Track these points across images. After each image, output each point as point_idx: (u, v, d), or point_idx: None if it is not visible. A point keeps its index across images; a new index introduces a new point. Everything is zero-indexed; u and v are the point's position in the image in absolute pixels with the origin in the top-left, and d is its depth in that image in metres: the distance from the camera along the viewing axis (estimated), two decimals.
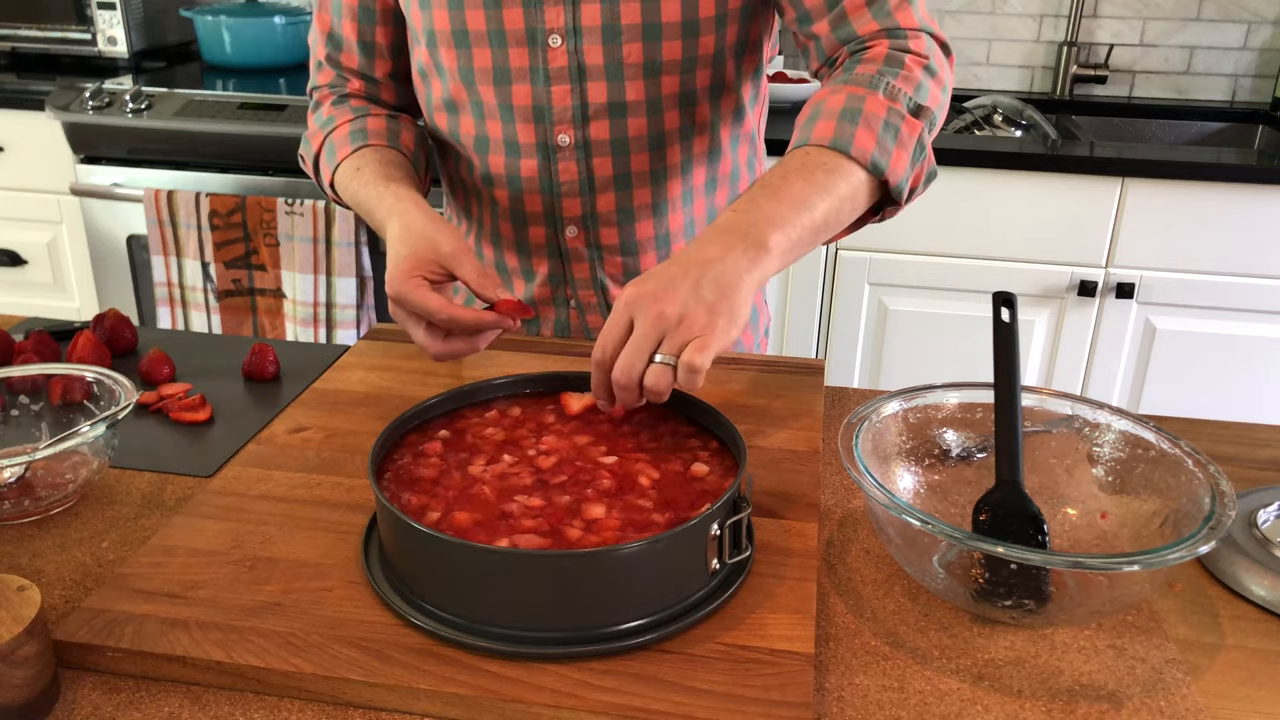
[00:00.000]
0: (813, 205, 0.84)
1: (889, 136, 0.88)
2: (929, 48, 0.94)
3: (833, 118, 0.88)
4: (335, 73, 1.12)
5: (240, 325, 2.19)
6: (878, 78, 0.90)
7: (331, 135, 1.07)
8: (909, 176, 0.91)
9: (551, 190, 1.06)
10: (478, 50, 1.01)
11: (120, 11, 2.40)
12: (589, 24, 0.98)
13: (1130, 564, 0.62)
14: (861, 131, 0.87)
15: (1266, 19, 2.37)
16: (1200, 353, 2.04)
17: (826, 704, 0.63)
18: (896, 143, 0.88)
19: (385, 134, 1.07)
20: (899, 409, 0.81)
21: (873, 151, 0.87)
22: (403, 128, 1.09)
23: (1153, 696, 0.64)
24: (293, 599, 0.68)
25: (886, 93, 0.89)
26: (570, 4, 0.97)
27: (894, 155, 0.88)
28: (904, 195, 0.91)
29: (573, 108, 1.02)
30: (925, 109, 0.91)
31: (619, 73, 1.00)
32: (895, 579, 0.75)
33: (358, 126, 1.06)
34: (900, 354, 2.14)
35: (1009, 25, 2.47)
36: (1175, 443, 0.74)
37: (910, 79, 0.91)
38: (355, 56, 1.11)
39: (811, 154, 0.87)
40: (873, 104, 0.88)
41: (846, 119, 0.87)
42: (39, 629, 0.60)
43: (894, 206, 0.93)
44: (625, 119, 1.02)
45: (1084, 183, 1.95)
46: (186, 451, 0.90)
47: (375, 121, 1.07)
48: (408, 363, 1.04)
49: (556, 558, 0.64)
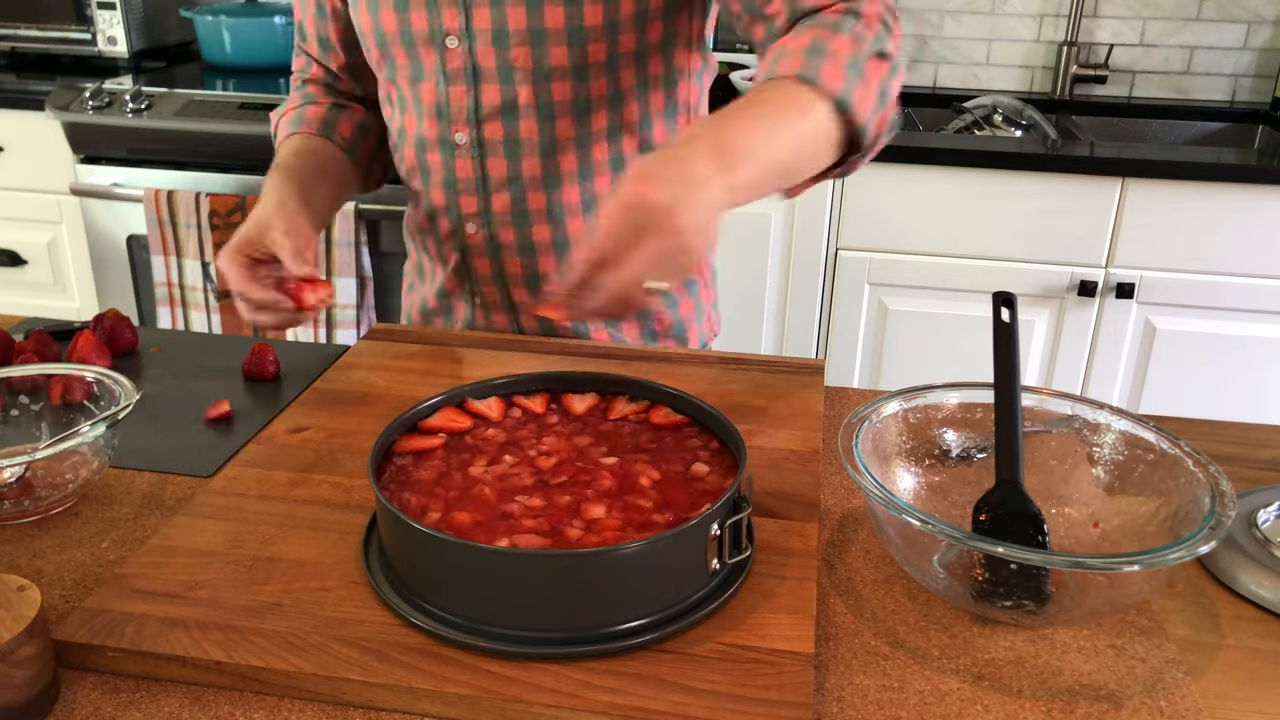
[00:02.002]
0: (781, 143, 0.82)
1: (854, 74, 0.86)
2: (883, 10, 0.92)
3: (799, 55, 0.86)
4: (304, 59, 1.21)
5: (240, 325, 2.18)
6: (841, 21, 0.89)
7: (282, 118, 1.18)
8: (874, 119, 0.88)
9: (453, 186, 1.09)
10: (394, 49, 1.06)
11: (120, 11, 2.40)
12: (480, 27, 1.00)
13: (1130, 564, 0.62)
14: (828, 65, 0.85)
15: (1266, 19, 2.37)
16: (1200, 353, 2.04)
17: (826, 704, 0.63)
18: (861, 81, 0.86)
19: (319, 122, 1.14)
20: (899, 409, 0.81)
21: (839, 87, 0.85)
22: (343, 117, 1.16)
23: (1153, 696, 0.64)
24: (293, 599, 0.68)
25: (851, 35, 0.88)
26: (463, 7, 1.00)
27: (858, 93, 0.86)
28: (867, 138, 0.89)
29: (468, 107, 1.04)
30: (888, 54, 0.89)
31: (510, 76, 1.02)
32: (895, 579, 0.75)
33: (296, 115, 1.16)
34: (900, 354, 2.14)
35: (1009, 25, 2.47)
36: (1175, 443, 0.74)
37: (871, 27, 0.90)
38: (315, 48, 1.19)
39: (780, 86, 0.85)
40: (837, 43, 0.86)
41: (813, 54, 0.85)
42: (39, 629, 0.60)
43: (858, 155, 0.91)
44: (516, 121, 1.04)
45: (1084, 183, 1.95)
46: (186, 451, 0.90)
47: (314, 110, 1.15)
48: (408, 363, 1.04)
49: (556, 558, 0.64)
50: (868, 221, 2.04)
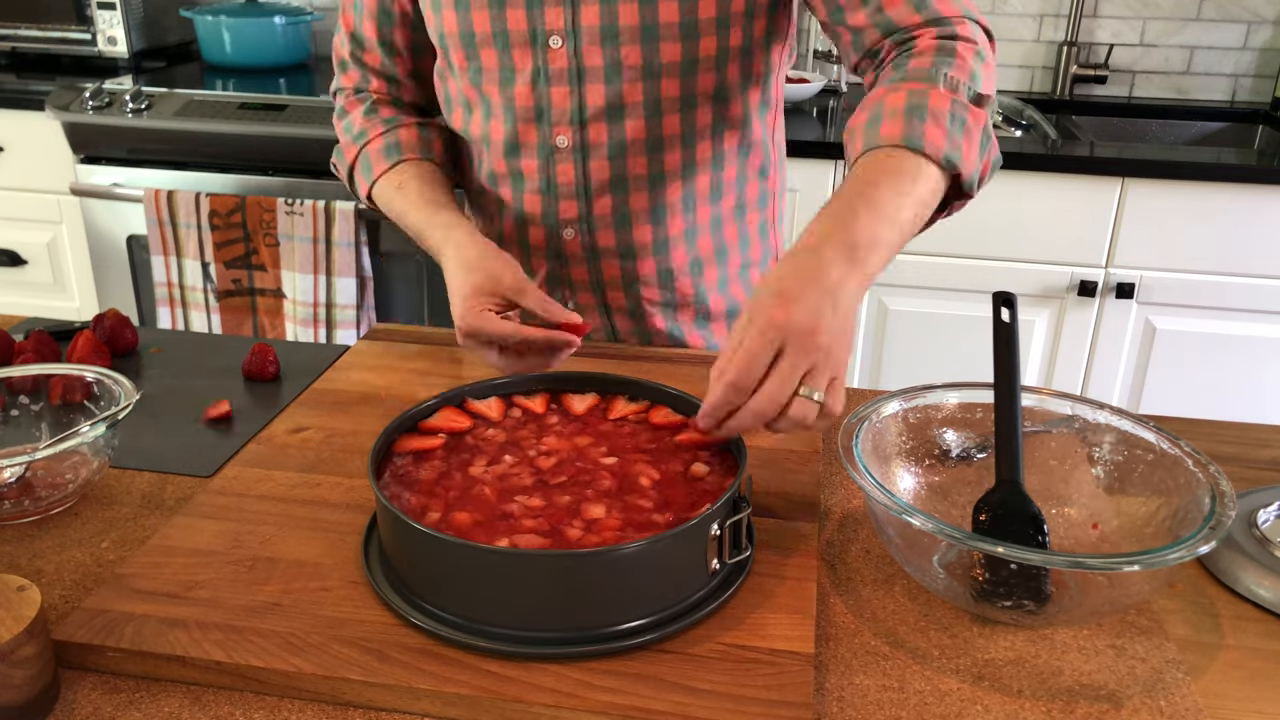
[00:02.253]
0: (903, 220, 0.81)
1: (957, 129, 0.85)
2: (975, 32, 0.92)
3: (898, 116, 0.85)
4: (360, 73, 1.14)
5: (240, 325, 2.19)
6: (934, 70, 0.87)
7: (366, 149, 1.10)
8: (979, 167, 0.88)
9: (550, 192, 1.06)
10: (484, 51, 1.02)
11: (120, 11, 2.40)
12: (588, 24, 0.97)
13: (1130, 564, 0.62)
14: (930, 127, 0.84)
15: (1266, 19, 2.37)
16: (1200, 353, 2.04)
17: (826, 704, 0.63)
18: (964, 135, 0.86)
19: (418, 146, 1.09)
20: (899, 409, 0.81)
21: (944, 147, 0.84)
22: (433, 136, 1.11)
23: (1153, 696, 0.64)
24: (292, 599, 0.68)
25: (947, 85, 0.87)
26: (569, 5, 0.97)
27: (964, 148, 0.86)
28: (975, 186, 0.89)
29: (571, 109, 1.01)
30: (985, 97, 0.89)
31: (617, 75, 0.99)
32: (895, 579, 0.75)
33: (391, 140, 1.09)
34: (900, 354, 2.14)
35: (1009, 25, 2.47)
36: (1175, 443, 0.74)
37: (965, 68, 0.88)
38: (377, 55, 1.12)
39: (888, 157, 0.84)
40: (936, 99, 0.85)
41: (914, 115, 0.84)
42: (39, 629, 0.60)
43: (963, 200, 0.90)
44: (623, 122, 1.02)
45: (1084, 183, 1.95)
46: (186, 451, 0.90)
47: (407, 133, 1.09)
48: (408, 363, 1.04)
49: (556, 558, 0.64)
50: None
